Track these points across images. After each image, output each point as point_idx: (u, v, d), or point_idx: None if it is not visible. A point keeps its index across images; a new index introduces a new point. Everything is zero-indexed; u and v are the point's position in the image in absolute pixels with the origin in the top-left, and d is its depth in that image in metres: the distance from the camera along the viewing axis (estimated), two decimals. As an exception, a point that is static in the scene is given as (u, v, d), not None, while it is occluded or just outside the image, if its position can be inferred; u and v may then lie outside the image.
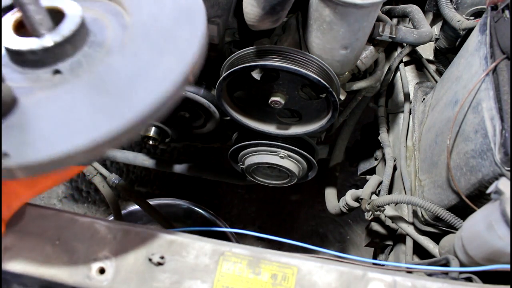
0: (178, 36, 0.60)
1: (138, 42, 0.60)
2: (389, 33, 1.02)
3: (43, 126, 0.51)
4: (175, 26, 0.62)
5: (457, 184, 0.86)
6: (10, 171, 0.49)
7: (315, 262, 0.65)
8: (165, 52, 0.58)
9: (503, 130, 0.73)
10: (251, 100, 1.09)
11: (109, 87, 0.55)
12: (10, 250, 0.64)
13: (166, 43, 0.60)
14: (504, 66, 0.80)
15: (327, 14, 0.86)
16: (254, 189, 2.20)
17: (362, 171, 1.42)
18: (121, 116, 0.51)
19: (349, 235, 2.13)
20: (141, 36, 0.61)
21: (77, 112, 0.52)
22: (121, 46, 0.61)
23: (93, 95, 0.54)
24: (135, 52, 0.59)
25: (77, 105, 0.53)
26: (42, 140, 0.50)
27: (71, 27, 0.58)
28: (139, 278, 0.63)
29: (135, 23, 0.63)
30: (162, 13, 0.64)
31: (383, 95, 1.39)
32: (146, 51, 0.59)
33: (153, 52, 0.58)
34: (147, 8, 0.65)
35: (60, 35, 0.58)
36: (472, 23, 1.14)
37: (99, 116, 0.52)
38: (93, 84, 0.56)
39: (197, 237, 0.67)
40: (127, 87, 0.55)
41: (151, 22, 0.63)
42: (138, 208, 1.66)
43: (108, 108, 0.52)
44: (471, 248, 0.73)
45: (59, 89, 0.56)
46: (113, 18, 0.66)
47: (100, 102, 0.53)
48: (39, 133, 0.51)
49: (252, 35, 1.10)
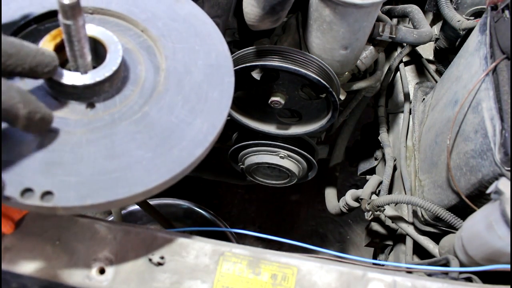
0: (210, 96, 0.63)
1: (173, 93, 0.63)
2: (389, 33, 1.02)
3: (84, 170, 0.54)
4: (206, 83, 0.64)
5: (457, 184, 0.86)
6: (53, 209, 0.52)
7: (315, 262, 0.65)
8: (198, 111, 0.62)
9: (503, 130, 0.73)
10: (251, 100, 1.09)
11: (146, 140, 0.58)
12: (10, 250, 0.64)
13: (199, 101, 0.63)
14: (504, 66, 0.80)
15: (327, 14, 0.86)
16: (254, 189, 2.20)
17: (362, 171, 1.43)
18: (157, 173, 0.55)
19: (349, 235, 2.13)
20: (175, 86, 0.63)
21: (116, 161, 0.56)
22: (156, 93, 0.63)
23: (131, 145, 0.57)
24: (171, 105, 0.61)
25: (116, 154, 0.56)
26: (85, 185, 0.53)
27: (112, 67, 0.60)
28: (139, 278, 0.63)
29: (168, 68, 0.65)
30: (195, 64, 0.66)
31: (383, 95, 1.39)
32: (181, 106, 0.62)
33: (186, 109, 0.61)
34: (181, 55, 0.67)
35: (102, 74, 0.59)
36: (472, 23, 1.14)
37: (137, 171, 0.55)
38: (130, 133, 0.58)
39: (197, 237, 0.67)
40: (163, 143, 0.58)
41: (184, 73, 0.65)
42: (138, 208, 1.65)
43: (146, 164, 0.56)
44: (471, 248, 0.73)
45: (98, 133, 0.58)
46: (145, 54, 0.67)
47: (137, 154, 0.56)
48: (82, 176, 0.54)
49: (252, 35, 1.10)
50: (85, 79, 0.59)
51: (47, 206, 0.51)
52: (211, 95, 0.63)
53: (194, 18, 0.72)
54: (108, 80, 0.60)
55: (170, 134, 0.59)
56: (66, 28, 0.54)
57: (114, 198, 0.52)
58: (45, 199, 0.51)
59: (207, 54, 0.68)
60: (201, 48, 0.68)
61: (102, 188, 0.53)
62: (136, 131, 0.59)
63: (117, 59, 0.60)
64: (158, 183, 0.55)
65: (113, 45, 0.61)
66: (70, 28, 0.54)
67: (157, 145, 0.58)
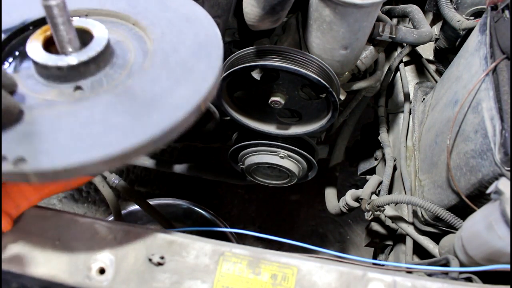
0: (196, 68, 0.63)
1: (157, 68, 0.64)
2: (389, 33, 1.02)
3: (61, 137, 0.54)
4: (193, 58, 0.65)
5: (457, 184, 0.86)
6: (25, 175, 0.51)
7: (315, 262, 0.65)
8: (182, 81, 0.61)
9: (503, 130, 0.73)
10: (251, 100, 1.09)
11: (126, 108, 0.58)
12: (10, 250, 0.64)
13: (184, 73, 0.63)
14: (504, 66, 0.80)
15: (327, 14, 0.86)
16: (254, 189, 2.20)
17: (362, 171, 1.42)
18: (133, 136, 0.54)
19: (349, 235, 2.13)
20: (160, 63, 0.64)
21: (93, 128, 0.56)
22: (141, 70, 0.64)
23: (110, 114, 0.57)
24: (154, 78, 0.62)
25: (94, 122, 0.56)
26: (58, 150, 0.53)
27: (97, 48, 0.62)
28: (139, 278, 0.63)
29: (156, 50, 0.66)
30: (183, 44, 0.67)
31: (383, 95, 1.39)
32: (164, 78, 0.62)
33: (170, 80, 0.62)
34: (169, 37, 0.68)
35: (86, 55, 0.61)
36: (472, 23, 1.14)
37: (113, 134, 0.55)
38: (111, 104, 0.59)
39: (197, 237, 0.67)
40: (142, 110, 0.58)
41: (171, 51, 0.66)
42: (138, 208, 1.66)
43: (122, 128, 0.56)
44: (471, 248, 0.73)
45: (79, 105, 0.59)
46: (136, 43, 0.70)
47: (116, 121, 0.56)
48: (56, 143, 0.54)
49: (252, 35, 1.10)
50: (70, 60, 0.60)
51: (19, 172, 0.51)
52: (198, 67, 0.64)
53: (184, 7, 0.74)
54: (92, 61, 0.61)
55: (151, 102, 0.59)
56: (49, 11, 0.57)
57: (88, 159, 0.52)
58: (17, 165, 0.51)
59: (196, 35, 0.69)
60: (190, 31, 0.69)
61: (76, 152, 0.53)
62: (116, 102, 0.59)
63: (102, 41, 0.63)
64: (134, 145, 0.54)
65: (99, 31, 0.64)
66: (52, 9, 0.56)
67: (137, 112, 0.58)
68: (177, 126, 0.57)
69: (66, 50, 0.61)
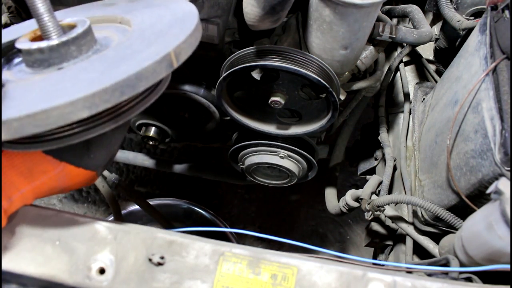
0: (169, 33, 0.65)
1: (132, 40, 0.66)
2: (389, 33, 1.02)
3: (30, 96, 0.57)
4: (168, 28, 0.67)
5: (457, 184, 0.86)
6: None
7: (315, 262, 0.65)
8: (154, 43, 0.63)
9: (503, 130, 0.73)
10: (251, 100, 1.09)
11: (96, 67, 0.60)
12: (10, 250, 0.64)
13: (157, 38, 0.65)
14: (504, 66, 0.80)
15: (327, 14, 0.86)
16: (254, 189, 2.20)
17: (362, 171, 1.42)
18: (99, 83, 0.55)
19: (349, 235, 2.13)
20: (136, 37, 0.67)
21: (62, 85, 0.57)
22: (118, 44, 0.67)
23: (80, 74, 0.60)
24: (127, 46, 0.65)
25: (64, 80, 0.58)
26: (25, 104, 0.54)
27: (78, 31, 0.64)
28: (139, 278, 0.63)
29: (134, 30, 0.70)
30: (160, 22, 0.70)
31: (383, 95, 1.39)
32: (138, 44, 0.64)
33: (143, 45, 0.64)
34: (148, 21, 0.72)
35: (66, 36, 0.63)
36: (472, 23, 1.14)
37: (80, 84, 0.56)
38: (83, 67, 0.62)
39: (197, 237, 0.67)
40: (112, 65, 0.60)
41: (148, 28, 0.69)
42: (138, 208, 1.66)
43: (90, 79, 0.57)
44: (471, 248, 0.73)
45: (52, 73, 0.62)
46: (121, 34, 0.73)
47: (85, 76, 0.58)
48: (25, 99, 0.56)
49: (252, 35, 1.10)
50: (50, 42, 0.62)
51: None
52: (171, 32, 0.66)
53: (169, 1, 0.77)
54: (73, 42, 0.63)
55: (121, 60, 0.60)
56: None
57: (51, 105, 0.52)
58: None
59: (173, 14, 0.71)
60: (167, 13, 0.72)
61: (41, 102, 0.53)
62: (89, 65, 0.61)
63: (83, 26, 0.65)
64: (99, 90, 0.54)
65: (82, 21, 0.67)
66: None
67: (105, 68, 0.60)
68: (144, 74, 0.57)
69: (50, 36, 0.64)
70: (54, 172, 0.67)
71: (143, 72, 0.57)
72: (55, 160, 0.67)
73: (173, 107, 1.29)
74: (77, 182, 0.72)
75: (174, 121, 1.33)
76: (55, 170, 0.67)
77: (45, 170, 0.66)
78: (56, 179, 0.68)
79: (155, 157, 1.68)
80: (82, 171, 0.71)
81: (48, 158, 0.66)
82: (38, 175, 0.66)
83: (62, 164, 0.68)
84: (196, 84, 1.18)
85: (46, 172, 0.66)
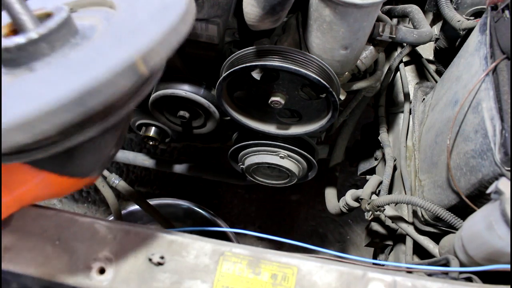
0: (144, 30, 0.56)
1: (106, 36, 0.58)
2: (389, 33, 1.02)
3: None
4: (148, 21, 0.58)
5: (457, 184, 0.86)
6: None
7: (315, 262, 0.65)
8: (123, 43, 0.55)
9: (503, 130, 0.73)
10: (251, 100, 1.09)
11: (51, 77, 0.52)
12: (10, 250, 0.64)
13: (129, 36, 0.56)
14: (504, 66, 0.80)
15: (327, 14, 0.86)
16: (254, 189, 2.20)
17: (362, 171, 1.42)
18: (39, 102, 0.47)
19: (349, 235, 2.13)
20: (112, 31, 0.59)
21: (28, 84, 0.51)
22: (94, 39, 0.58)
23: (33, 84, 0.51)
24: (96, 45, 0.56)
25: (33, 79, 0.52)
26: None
27: (49, 25, 0.55)
28: (139, 278, 0.63)
29: (115, 21, 0.61)
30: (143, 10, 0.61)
31: (383, 95, 1.39)
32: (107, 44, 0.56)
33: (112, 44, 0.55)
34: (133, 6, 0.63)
35: (35, 34, 0.54)
36: (472, 23, 1.14)
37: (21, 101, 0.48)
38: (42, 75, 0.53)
39: (197, 237, 0.67)
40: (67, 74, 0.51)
41: (129, 17, 0.60)
42: (138, 208, 1.66)
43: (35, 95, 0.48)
44: (471, 248, 0.73)
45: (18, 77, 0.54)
46: (106, 23, 0.64)
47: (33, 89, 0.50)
48: None
49: (252, 35, 1.10)
50: (18, 40, 0.54)
51: None
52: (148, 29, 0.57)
53: None
54: (43, 39, 0.54)
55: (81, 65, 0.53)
56: None
57: None
58: None
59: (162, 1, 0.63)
60: None
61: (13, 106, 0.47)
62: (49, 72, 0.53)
63: (58, 19, 0.56)
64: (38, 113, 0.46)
65: (60, 11, 0.58)
66: None
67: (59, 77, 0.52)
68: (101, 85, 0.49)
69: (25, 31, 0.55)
70: (34, 182, 0.63)
71: (99, 86, 0.48)
72: (34, 169, 0.62)
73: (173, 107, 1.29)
74: (65, 189, 0.68)
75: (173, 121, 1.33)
76: (35, 179, 0.63)
77: (24, 180, 0.63)
78: (38, 188, 0.65)
79: (155, 157, 1.68)
80: (67, 179, 0.66)
81: (26, 168, 0.62)
82: (17, 185, 0.63)
83: (42, 173, 0.63)
84: (196, 84, 1.18)
85: (25, 182, 0.63)
